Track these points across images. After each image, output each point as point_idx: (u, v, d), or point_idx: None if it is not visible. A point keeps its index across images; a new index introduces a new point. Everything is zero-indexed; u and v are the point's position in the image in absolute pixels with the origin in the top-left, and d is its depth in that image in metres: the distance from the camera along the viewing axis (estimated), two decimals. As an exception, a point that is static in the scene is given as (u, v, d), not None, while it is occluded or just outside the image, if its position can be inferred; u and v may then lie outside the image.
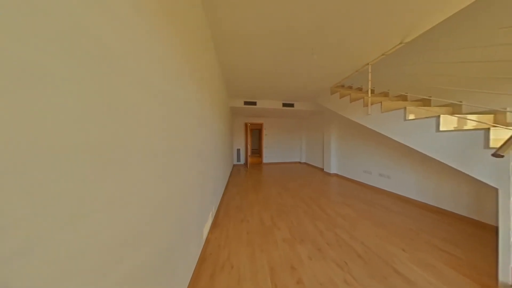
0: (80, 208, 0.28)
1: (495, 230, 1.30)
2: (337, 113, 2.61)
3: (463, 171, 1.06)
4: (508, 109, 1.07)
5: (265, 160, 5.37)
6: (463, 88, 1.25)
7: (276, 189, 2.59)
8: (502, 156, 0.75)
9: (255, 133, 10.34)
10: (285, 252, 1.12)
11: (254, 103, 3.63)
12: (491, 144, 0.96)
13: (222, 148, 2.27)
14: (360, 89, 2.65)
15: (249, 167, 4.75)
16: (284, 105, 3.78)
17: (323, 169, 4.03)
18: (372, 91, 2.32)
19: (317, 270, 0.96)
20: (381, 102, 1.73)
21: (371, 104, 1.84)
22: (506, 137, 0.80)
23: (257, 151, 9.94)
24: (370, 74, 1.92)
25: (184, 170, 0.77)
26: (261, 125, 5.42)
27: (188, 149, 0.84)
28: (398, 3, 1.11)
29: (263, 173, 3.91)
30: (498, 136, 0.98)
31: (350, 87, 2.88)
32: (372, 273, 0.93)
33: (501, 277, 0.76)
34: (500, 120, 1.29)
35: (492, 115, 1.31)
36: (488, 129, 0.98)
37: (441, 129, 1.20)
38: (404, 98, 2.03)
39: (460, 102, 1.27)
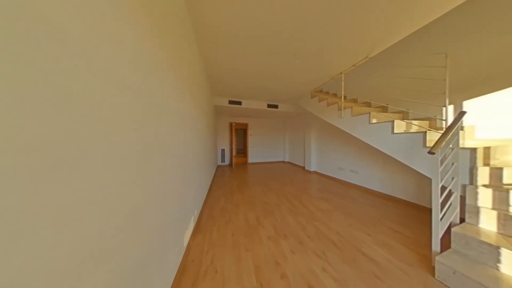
0: (15, 225, 0.23)
1: (430, 211, 1.66)
2: (316, 115, 2.85)
3: (409, 165, 1.32)
4: (437, 117, 1.39)
5: (250, 160, 5.39)
6: (410, 99, 1.56)
7: (261, 188, 2.63)
8: (434, 153, 0.97)
9: (240, 133, 10.26)
10: (270, 249, 1.15)
11: (239, 103, 3.60)
12: (427, 144, 1.22)
13: (205, 149, 2.17)
14: (335, 95, 2.96)
15: (234, 167, 4.68)
16: (269, 106, 3.88)
17: (304, 167, 4.31)
18: (345, 97, 2.62)
19: (299, 262, 1.02)
20: (351, 108, 1.97)
21: (344, 108, 2.08)
22: (436, 138, 1.03)
23: (242, 151, 9.88)
24: (343, 82, 2.17)
25: (161, 173, 0.70)
26: (246, 125, 5.42)
27: (167, 150, 0.77)
28: (364, 23, 1.30)
29: (248, 173, 3.92)
30: (432, 138, 1.25)
31: (327, 93, 3.19)
32: (345, 258, 1.06)
33: (433, 247, 0.97)
34: (433, 125, 1.65)
35: (428, 121, 1.67)
36: (425, 132, 1.24)
37: (395, 131, 1.46)
38: (368, 104, 2.37)
39: (408, 110, 1.57)
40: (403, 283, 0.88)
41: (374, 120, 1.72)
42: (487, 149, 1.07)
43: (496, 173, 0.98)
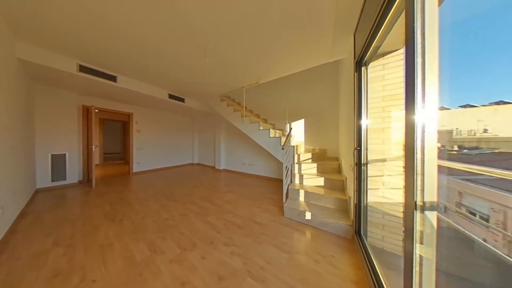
0: None
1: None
2: (225, 118, 3.18)
3: (275, 156, 2.25)
4: (284, 129, 2.63)
5: (137, 168, 3.78)
6: (275, 116, 2.68)
7: (157, 203, 2.03)
8: (283, 149, 1.82)
9: (114, 127, 6.67)
10: (173, 274, 0.97)
11: (110, 77, 2.28)
12: (282, 143, 2.22)
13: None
14: (239, 104, 3.64)
15: (96, 185, 2.80)
16: (172, 97, 3.17)
17: (214, 166, 4.46)
18: (246, 107, 3.38)
19: (210, 263, 1.05)
20: (249, 116, 2.64)
21: (245, 116, 2.70)
22: (284, 140, 1.94)
23: (119, 156, 6.47)
24: (244, 95, 2.78)
25: None
26: (128, 115, 3.66)
27: None
28: (255, 61, 1.85)
29: (132, 187, 2.71)
30: (283, 140, 2.30)
31: (233, 100, 3.76)
32: (245, 233, 1.38)
33: (283, 200, 1.82)
34: (283, 133, 3.04)
35: (281, 130, 3.02)
36: (281, 137, 2.24)
37: (270, 136, 2.36)
38: (258, 116, 3.40)
39: (273, 123, 2.65)
40: (273, 227, 1.48)
41: (261, 128, 2.55)
42: (297, 146, 2.35)
43: (300, 157, 2.20)
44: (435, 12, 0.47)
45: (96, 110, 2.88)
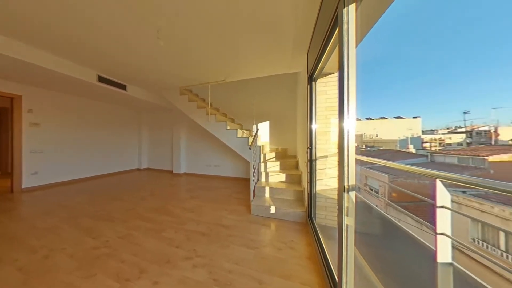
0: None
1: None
2: (186, 114, 2.82)
3: (243, 156, 2.29)
4: (251, 129, 2.72)
5: (32, 182, 2.55)
6: (243, 116, 2.71)
7: (77, 229, 1.46)
8: (251, 148, 1.88)
9: None
10: None
11: None
12: (249, 143, 2.27)
13: None
14: (203, 100, 3.34)
15: None
16: (104, 80, 2.37)
17: (172, 171, 3.83)
18: (211, 105, 3.17)
19: (165, 286, 0.89)
20: (215, 115, 2.51)
21: (210, 114, 2.52)
22: (251, 140, 2.00)
23: None
24: (209, 91, 2.59)
25: None
26: (10, 99, 2.37)
27: None
28: (221, 58, 1.78)
29: (22, 212, 1.84)
30: (250, 140, 2.37)
31: (197, 95, 3.40)
32: (211, 240, 1.30)
33: (251, 198, 1.88)
34: (251, 134, 3.14)
35: (249, 131, 3.10)
36: (248, 137, 2.29)
37: (238, 136, 2.35)
38: (225, 115, 3.30)
39: (241, 123, 2.67)
40: (241, 227, 1.50)
41: (228, 127, 2.48)
42: (263, 146, 2.50)
43: (265, 156, 2.35)
44: (353, 51, 0.67)
45: None
